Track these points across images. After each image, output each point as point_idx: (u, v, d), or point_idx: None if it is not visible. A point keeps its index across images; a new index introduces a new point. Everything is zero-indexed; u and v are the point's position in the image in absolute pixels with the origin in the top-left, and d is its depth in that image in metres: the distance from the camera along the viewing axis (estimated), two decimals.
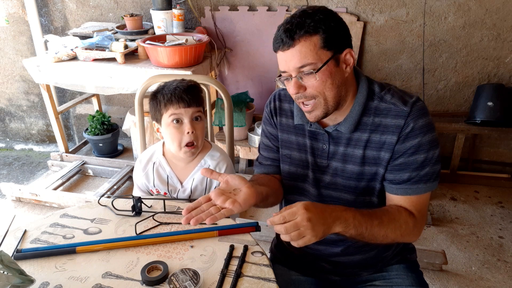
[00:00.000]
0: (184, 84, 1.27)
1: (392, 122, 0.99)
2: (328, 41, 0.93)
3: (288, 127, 1.15)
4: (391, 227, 0.98)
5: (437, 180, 1.03)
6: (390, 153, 1.01)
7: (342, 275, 1.19)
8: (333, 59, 0.95)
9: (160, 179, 1.37)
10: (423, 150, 0.98)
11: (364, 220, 0.95)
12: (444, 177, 2.74)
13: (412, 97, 1.01)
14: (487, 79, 2.59)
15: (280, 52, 0.96)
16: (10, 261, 0.85)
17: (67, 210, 1.22)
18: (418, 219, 1.02)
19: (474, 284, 1.92)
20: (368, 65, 2.72)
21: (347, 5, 2.58)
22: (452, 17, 2.47)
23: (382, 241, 0.99)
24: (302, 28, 0.92)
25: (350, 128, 1.02)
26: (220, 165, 1.35)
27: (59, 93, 3.35)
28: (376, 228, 0.96)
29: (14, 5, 3.09)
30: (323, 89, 0.96)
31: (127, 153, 3.28)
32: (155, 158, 1.38)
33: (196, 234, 1.09)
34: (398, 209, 1.02)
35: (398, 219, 0.99)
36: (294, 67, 0.95)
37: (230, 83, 3.03)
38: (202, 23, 2.84)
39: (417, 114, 0.97)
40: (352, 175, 1.06)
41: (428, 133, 0.98)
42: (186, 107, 1.24)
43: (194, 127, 1.27)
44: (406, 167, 1.00)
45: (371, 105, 1.02)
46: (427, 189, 1.01)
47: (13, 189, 2.60)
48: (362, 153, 1.03)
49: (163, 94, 1.27)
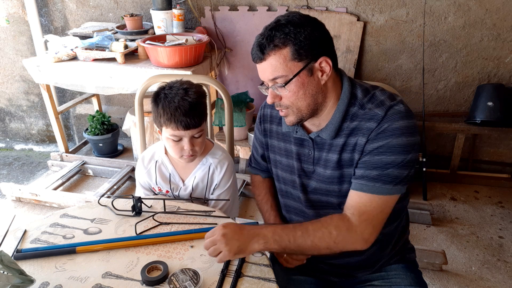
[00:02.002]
0: (186, 104, 1.18)
1: (366, 125, 0.98)
2: (299, 52, 0.94)
3: (277, 133, 1.18)
4: (318, 235, 0.97)
5: (400, 185, 0.97)
6: (359, 154, 1.00)
7: (341, 276, 1.19)
8: (306, 69, 0.96)
9: (162, 177, 1.37)
10: (392, 152, 0.95)
11: (285, 233, 0.97)
12: (444, 177, 2.74)
13: (394, 100, 0.99)
14: (487, 79, 2.59)
15: (256, 64, 1.00)
16: (10, 261, 0.85)
17: (67, 210, 1.22)
18: (356, 223, 0.97)
19: (474, 284, 1.92)
20: (368, 65, 2.72)
21: (347, 5, 2.58)
22: (452, 17, 2.47)
23: (316, 251, 0.99)
24: (272, 42, 0.94)
25: (331, 134, 1.03)
26: (221, 163, 1.35)
27: (59, 93, 3.35)
28: (300, 239, 0.97)
29: (14, 5, 3.09)
30: (295, 100, 0.99)
31: (127, 153, 3.28)
32: (157, 156, 1.39)
33: (196, 234, 1.09)
34: (331, 216, 1.01)
35: (327, 226, 0.98)
36: (268, 79, 0.99)
37: (230, 83, 3.02)
38: (202, 23, 2.84)
39: (392, 118, 0.96)
40: (334, 180, 1.06)
41: (401, 136, 0.95)
42: (186, 129, 1.21)
43: (193, 143, 1.25)
44: (369, 164, 0.98)
45: (351, 111, 1.02)
46: (385, 191, 0.97)
47: (13, 189, 2.60)
48: (338, 157, 1.03)
49: (164, 107, 1.20)
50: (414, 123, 0.98)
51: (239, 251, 0.95)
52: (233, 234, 0.95)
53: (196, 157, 1.31)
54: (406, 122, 0.96)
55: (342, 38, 2.62)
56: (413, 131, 0.97)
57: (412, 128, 0.96)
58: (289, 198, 1.20)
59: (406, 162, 0.96)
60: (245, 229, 0.98)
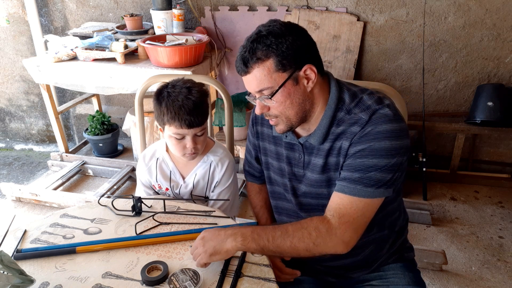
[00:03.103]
0: (191, 103, 1.19)
1: (350, 130, 0.98)
2: (282, 63, 0.93)
3: (268, 136, 1.19)
4: (297, 236, 0.96)
5: (382, 188, 0.96)
6: (344, 158, 1.00)
7: (338, 277, 1.19)
8: (291, 78, 0.95)
9: (162, 175, 1.38)
10: (375, 155, 0.94)
11: (264, 233, 0.97)
12: (444, 177, 2.74)
13: (381, 103, 0.99)
14: (487, 79, 2.59)
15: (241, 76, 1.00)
16: (10, 261, 0.85)
17: (67, 210, 1.22)
18: (336, 224, 0.95)
19: (474, 284, 1.92)
20: (368, 65, 2.72)
21: (347, 5, 2.58)
22: (452, 17, 2.47)
23: (295, 253, 0.97)
24: (254, 55, 0.94)
25: (319, 140, 1.03)
26: (222, 161, 1.36)
27: (59, 93, 3.35)
28: (279, 239, 0.96)
29: (14, 5, 3.09)
30: (283, 109, 0.99)
31: (127, 153, 3.28)
32: (158, 154, 1.39)
33: (196, 234, 1.08)
34: (311, 218, 1.00)
35: (306, 227, 0.97)
36: (254, 91, 0.99)
37: (230, 83, 3.03)
38: (202, 23, 2.84)
39: (376, 121, 0.95)
40: (322, 183, 1.06)
41: (385, 140, 0.93)
42: (189, 128, 1.21)
43: (196, 142, 1.26)
44: (351, 167, 0.97)
45: (338, 115, 1.01)
46: (366, 194, 0.95)
47: (13, 189, 2.60)
48: (324, 161, 1.04)
49: (167, 106, 1.20)
50: (401, 127, 0.96)
51: (215, 252, 0.94)
52: (211, 236, 0.97)
53: (197, 155, 1.31)
54: (390, 125, 0.94)
55: (342, 38, 2.62)
56: (399, 135, 0.95)
57: (397, 132, 0.95)
58: (281, 200, 1.21)
59: (390, 166, 0.95)
60: (224, 230, 0.98)
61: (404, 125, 0.97)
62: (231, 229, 0.98)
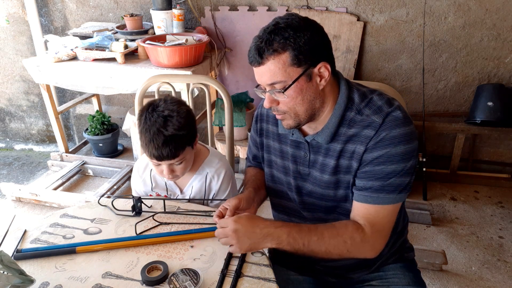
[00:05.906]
0: (161, 138, 1.11)
1: (363, 133, 0.98)
2: (298, 58, 0.92)
3: (273, 134, 1.17)
4: (332, 243, 0.97)
5: (403, 193, 0.98)
6: (358, 163, 0.99)
7: (337, 277, 1.19)
8: (305, 74, 0.94)
9: (158, 185, 1.36)
10: (392, 161, 0.95)
11: (300, 237, 0.97)
12: (444, 177, 2.74)
13: (392, 105, 0.98)
14: (487, 79, 2.59)
15: (253, 67, 0.98)
16: (10, 261, 0.85)
17: (67, 210, 1.22)
18: (369, 234, 0.98)
19: (474, 284, 1.92)
20: (368, 65, 2.72)
21: (347, 5, 2.58)
22: (452, 17, 2.47)
23: (326, 256, 0.99)
24: (271, 46, 0.91)
25: (326, 139, 1.02)
26: (218, 172, 1.32)
27: (59, 93, 3.35)
28: (314, 244, 0.96)
29: (14, 5, 3.09)
30: (293, 105, 0.98)
31: (127, 153, 3.28)
32: (151, 165, 1.34)
33: (196, 234, 1.09)
34: (346, 224, 1.00)
35: (342, 234, 0.98)
36: (266, 83, 0.97)
37: (230, 83, 3.03)
38: (202, 23, 2.84)
39: (390, 125, 0.95)
40: (330, 185, 1.06)
41: (400, 144, 0.94)
42: (159, 161, 1.17)
43: (173, 170, 1.21)
44: (371, 175, 0.97)
45: (348, 116, 1.00)
46: (389, 200, 0.97)
47: (13, 189, 2.60)
48: (335, 163, 1.03)
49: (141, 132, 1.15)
50: (412, 129, 0.97)
51: (250, 249, 0.98)
52: (244, 231, 0.96)
53: (179, 178, 1.27)
54: (403, 129, 0.95)
55: (342, 38, 2.62)
56: (411, 138, 0.96)
57: (409, 135, 0.96)
58: (284, 199, 1.19)
59: (406, 169, 0.96)
60: (257, 227, 0.97)
61: (413, 127, 0.99)
62: (267, 228, 0.97)
